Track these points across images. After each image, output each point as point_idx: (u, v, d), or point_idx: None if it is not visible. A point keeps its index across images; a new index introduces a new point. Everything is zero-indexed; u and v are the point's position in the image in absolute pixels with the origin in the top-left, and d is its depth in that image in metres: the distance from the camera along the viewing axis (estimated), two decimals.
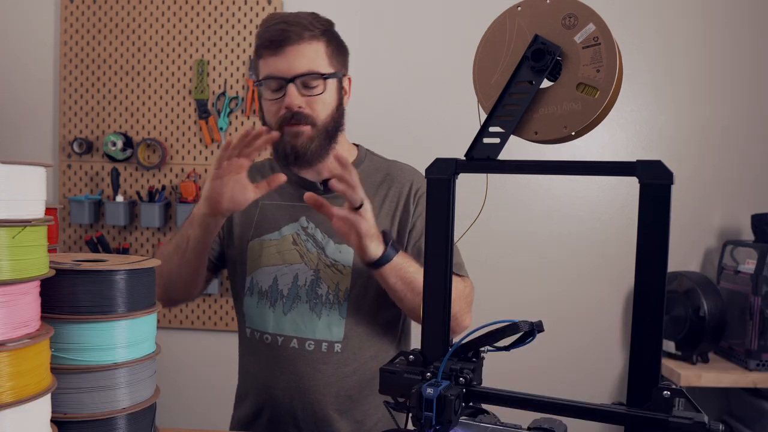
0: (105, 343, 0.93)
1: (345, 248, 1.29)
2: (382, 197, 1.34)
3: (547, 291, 2.38)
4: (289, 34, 1.22)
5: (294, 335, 1.29)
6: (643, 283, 0.69)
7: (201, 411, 2.41)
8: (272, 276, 1.31)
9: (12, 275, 0.81)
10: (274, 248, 1.32)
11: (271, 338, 1.31)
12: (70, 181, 2.41)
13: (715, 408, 2.36)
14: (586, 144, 2.32)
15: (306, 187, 1.32)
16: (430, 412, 0.69)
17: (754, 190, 2.36)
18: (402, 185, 1.35)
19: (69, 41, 2.39)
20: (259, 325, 1.33)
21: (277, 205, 1.35)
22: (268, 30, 1.24)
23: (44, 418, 0.85)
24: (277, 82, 1.23)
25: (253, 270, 1.33)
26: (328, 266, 1.29)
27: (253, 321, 1.34)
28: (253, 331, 1.34)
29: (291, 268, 1.30)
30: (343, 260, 1.29)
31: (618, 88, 0.73)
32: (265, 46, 1.23)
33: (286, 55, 1.22)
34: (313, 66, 1.24)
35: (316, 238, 1.31)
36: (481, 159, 0.78)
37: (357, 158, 1.38)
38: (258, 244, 1.33)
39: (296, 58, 1.22)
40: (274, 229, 1.33)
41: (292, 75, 1.22)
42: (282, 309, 1.30)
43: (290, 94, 1.22)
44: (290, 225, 1.32)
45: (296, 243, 1.31)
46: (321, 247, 1.30)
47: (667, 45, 2.34)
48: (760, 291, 2.02)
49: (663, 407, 0.67)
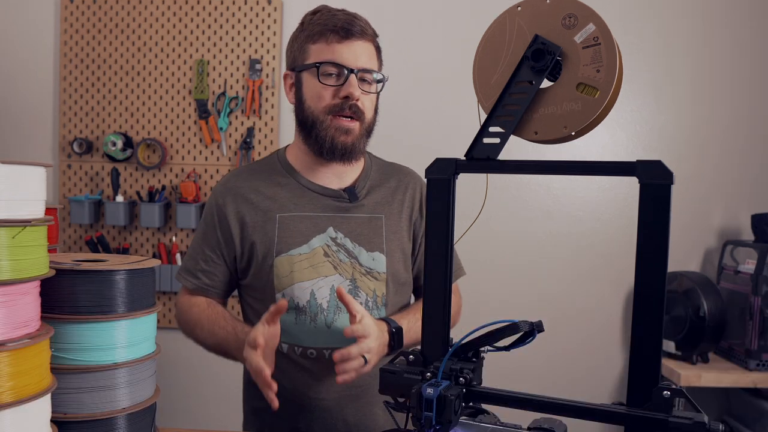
0: (105, 343, 0.94)
1: (378, 255, 1.29)
2: (400, 203, 1.35)
3: (547, 291, 2.38)
4: (358, 26, 1.23)
5: (341, 346, 1.24)
6: (643, 283, 0.69)
7: (201, 411, 2.41)
8: (308, 291, 1.26)
9: (12, 275, 0.81)
10: (306, 262, 1.27)
11: (316, 352, 1.26)
12: (70, 181, 2.41)
13: (715, 408, 2.36)
14: (586, 144, 2.32)
15: (330, 195, 1.31)
16: (430, 412, 0.69)
17: (754, 190, 2.36)
18: (414, 190, 1.37)
19: (69, 41, 2.39)
20: (300, 341, 1.27)
21: (299, 217, 1.29)
22: (336, 16, 1.23)
23: (44, 418, 0.85)
24: (338, 69, 1.22)
25: (285, 286, 1.27)
26: (364, 274, 1.28)
27: (291, 337, 1.28)
28: (292, 347, 1.28)
29: (326, 281, 1.27)
30: (377, 267, 1.29)
31: (618, 88, 0.73)
32: (333, 31, 1.22)
33: (354, 46, 1.23)
34: (372, 64, 1.26)
35: (347, 248, 1.29)
36: (481, 159, 0.78)
37: (365, 163, 1.38)
38: (286, 260, 1.27)
39: (362, 52, 1.24)
40: (302, 242, 1.28)
41: (356, 66, 1.22)
42: (324, 322, 1.26)
43: (353, 84, 1.22)
44: (319, 237, 1.28)
45: (328, 255, 1.28)
46: (354, 256, 1.29)
47: (667, 45, 2.34)
48: (760, 291, 2.02)
49: (663, 407, 0.67)
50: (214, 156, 2.38)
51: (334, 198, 1.30)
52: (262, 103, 2.36)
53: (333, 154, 1.25)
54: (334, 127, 1.24)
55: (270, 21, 2.35)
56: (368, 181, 1.35)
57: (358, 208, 1.31)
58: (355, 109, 1.23)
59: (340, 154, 1.26)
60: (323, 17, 1.24)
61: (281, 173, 1.34)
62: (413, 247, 1.37)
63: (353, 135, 1.25)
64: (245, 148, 2.36)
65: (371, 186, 1.35)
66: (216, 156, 2.38)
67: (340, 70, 1.22)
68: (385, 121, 2.33)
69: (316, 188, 1.31)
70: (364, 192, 1.33)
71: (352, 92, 1.22)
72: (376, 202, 1.33)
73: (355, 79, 1.22)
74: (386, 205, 1.34)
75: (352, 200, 1.30)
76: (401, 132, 2.34)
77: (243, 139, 2.36)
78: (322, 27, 1.23)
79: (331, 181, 1.32)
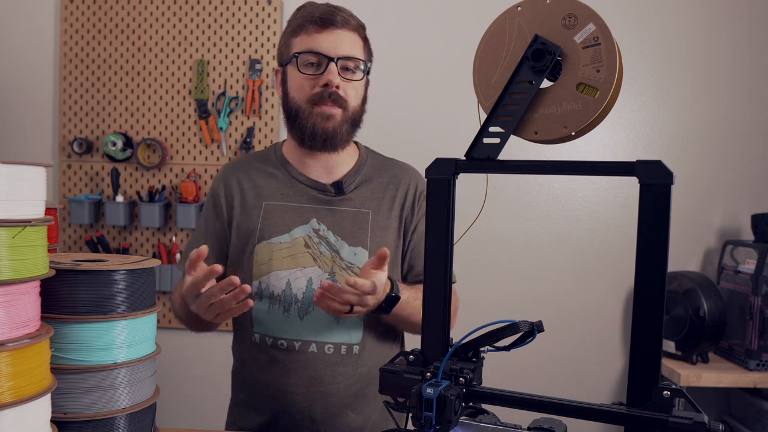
0: (105, 343, 0.93)
1: (360, 250, 1.29)
2: (391, 198, 1.34)
3: (547, 291, 2.38)
4: (339, 16, 1.24)
5: (313, 339, 1.26)
6: (643, 283, 0.69)
7: (201, 411, 2.41)
8: (284, 280, 1.27)
9: (12, 275, 0.81)
10: (286, 251, 1.28)
11: (287, 343, 1.26)
12: (70, 181, 2.41)
13: (715, 408, 2.36)
14: (586, 144, 2.33)
15: (316, 188, 1.31)
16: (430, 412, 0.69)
17: (754, 190, 2.36)
18: (408, 186, 1.36)
19: (69, 41, 2.39)
20: (272, 331, 1.28)
21: (284, 207, 1.31)
22: (317, 8, 1.25)
23: (44, 418, 0.85)
24: (318, 59, 1.24)
25: (263, 274, 1.28)
26: (344, 269, 1.28)
27: (264, 327, 1.29)
28: (264, 336, 1.29)
29: (304, 272, 1.27)
30: (358, 262, 1.28)
31: (618, 88, 0.73)
32: (312, 21, 1.24)
33: (333, 35, 1.24)
34: (354, 52, 1.26)
35: (329, 241, 1.29)
36: (481, 159, 0.78)
37: (359, 158, 1.38)
38: (266, 247, 1.28)
39: (342, 40, 1.24)
40: (283, 231, 1.29)
41: (336, 54, 1.23)
42: (297, 314, 1.26)
43: (332, 71, 1.22)
44: (301, 227, 1.29)
45: (308, 246, 1.28)
46: (335, 250, 1.28)
47: (667, 45, 2.34)
48: (760, 291, 2.02)
49: (663, 407, 0.67)
50: (214, 156, 2.38)
51: (320, 191, 1.31)
52: (262, 103, 2.36)
53: (314, 140, 1.26)
54: (316, 113, 1.24)
55: (270, 21, 2.35)
56: (359, 175, 1.35)
57: (344, 202, 1.31)
58: (335, 97, 1.24)
59: (321, 140, 1.26)
60: (305, 11, 1.27)
61: (274, 164, 1.36)
62: (403, 244, 1.36)
63: (334, 121, 1.25)
64: (245, 148, 2.36)
65: (362, 181, 1.34)
66: (216, 156, 2.38)
67: (319, 59, 1.24)
68: (385, 121, 2.35)
69: (304, 180, 1.32)
70: (353, 186, 1.33)
71: (331, 79, 1.22)
72: (365, 197, 1.33)
73: (334, 66, 1.23)
74: (375, 201, 1.33)
75: (338, 194, 1.31)
76: (401, 132, 2.34)
77: (243, 139, 2.36)
78: (302, 19, 1.26)
79: (321, 174, 1.33)
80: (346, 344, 1.27)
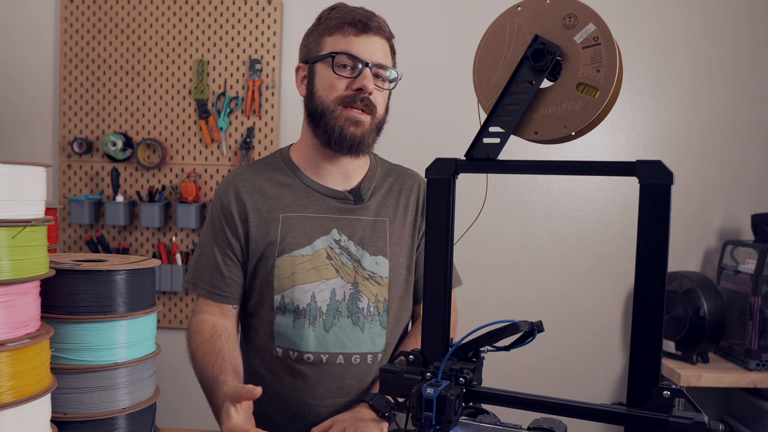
0: (105, 343, 0.94)
1: (381, 259, 1.28)
2: (404, 206, 1.34)
3: (547, 291, 2.38)
4: (376, 22, 1.24)
5: (339, 351, 1.25)
6: (643, 283, 0.69)
7: (201, 411, 2.40)
8: (309, 293, 1.24)
9: (12, 275, 0.81)
10: (308, 264, 1.25)
11: (313, 357, 1.24)
12: (70, 181, 2.41)
13: (715, 408, 2.36)
14: (586, 144, 2.34)
15: (335, 197, 1.29)
16: (430, 412, 0.69)
17: (754, 190, 2.36)
18: (418, 192, 1.37)
19: (69, 41, 2.39)
20: (297, 345, 1.25)
21: (303, 218, 1.27)
22: (354, 11, 1.24)
23: (44, 418, 0.85)
24: (353, 61, 1.22)
25: (285, 288, 1.25)
26: (367, 279, 1.27)
27: (288, 341, 1.26)
28: (287, 351, 1.26)
29: (327, 284, 1.25)
30: (380, 272, 1.28)
31: (618, 88, 0.73)
32: (351, 24, 1.22)
33: (370, 40, 1.23)
34: (387, 61, 1.26)
35: (350, 251, 1.27)
36: (481, 159, 0.78)
37: (371, 164, 1.37)
38: (288, 260, 1.25)
39: (378, 47, 1.24)
40: (305, 243, 1.26)
41: (371, 60, 1.22)
42: (323, 326, 1.25)
43: (367, 77, 1.21)
44: (322, 238, 1.26)
45: (330, 257, 1.26)
46: (356, 260, 1.27)
47: (667, 45, 2.34)
48: (760, 291, 2.02)
49: (663, 407, 0.67)
50: (214, 156, 2.38)
51: (339, 200, 1.29)
52: (262, 103, 2.36)
53: (341, 144, 1.24)
54: (344, 117, 1.22)
55: (270, 21, 2.35)
56: (373, 182, 1.34)
57: (362, 210, 1.30)
58: (367, 102, 1.23)
59: (348, 146, 1.24)
60: (341, 12, 1.25)
61: (285, 172, 1.32)
62: (416, 250, 1.36)
63: (363, 127, 1.23)
64: (245, 148, 2.36)
65: (375, 187, 1.34)
66: (216, 156, 2.38)
67: (354, 63, 1.22)
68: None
69: (321, 189, 1.30)
70: (369, 194, 1.32)
71: (366, 85, 1.21)
72: (381, 204, 1.32)
73: (369, 72, 1.22)
74: (391, 209, 1.33)
75: (358, 202, 1.29)
76: (402, 132, 2.34)
77: (243, 139, 2.36)
78: (339, 20, 1.24)
79: (336, 180, 1.31)
80: (371, 353, 1.27)
